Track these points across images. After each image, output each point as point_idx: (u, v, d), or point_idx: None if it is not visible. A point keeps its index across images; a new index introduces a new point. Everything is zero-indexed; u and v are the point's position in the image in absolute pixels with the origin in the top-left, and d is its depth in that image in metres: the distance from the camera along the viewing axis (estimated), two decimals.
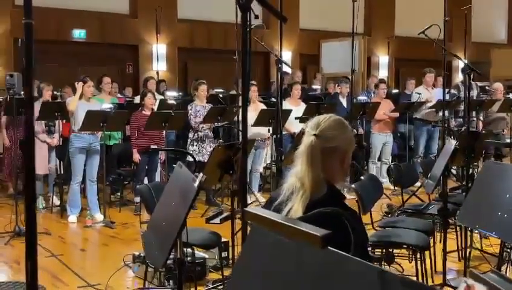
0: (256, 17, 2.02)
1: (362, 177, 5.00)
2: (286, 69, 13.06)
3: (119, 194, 8.44)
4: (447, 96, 9.68)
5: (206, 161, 6.13)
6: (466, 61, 5.87)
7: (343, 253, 1.32)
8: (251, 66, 2.00)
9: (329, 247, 1.34)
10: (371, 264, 1.24)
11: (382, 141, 9.42)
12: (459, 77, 15.80)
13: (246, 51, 1.99)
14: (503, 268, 4.65)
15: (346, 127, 2.51)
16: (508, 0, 20.43)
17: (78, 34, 12.66)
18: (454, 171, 8.73)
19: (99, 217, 7.24)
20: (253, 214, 1.35)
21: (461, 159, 5.14)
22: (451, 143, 4.69)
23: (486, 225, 3.15)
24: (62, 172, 7.96)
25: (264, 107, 8.34)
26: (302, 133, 2.57)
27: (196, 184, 2.45)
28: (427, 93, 9.56)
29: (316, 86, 12.36)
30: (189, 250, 4.36)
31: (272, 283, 1.51)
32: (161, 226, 2.78)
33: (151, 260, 2.95)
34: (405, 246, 4.41)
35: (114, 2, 13.07)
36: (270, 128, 7.86)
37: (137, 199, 7.41)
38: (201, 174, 2.49)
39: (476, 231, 5.47)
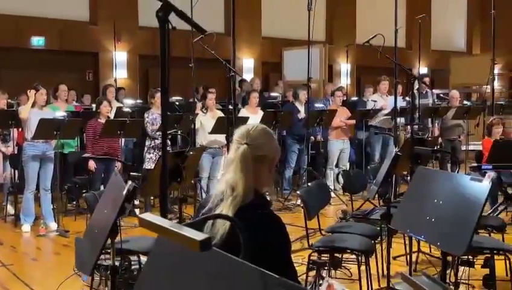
0: (174, 28, 2.07)
1: (309, 184, 5.08)
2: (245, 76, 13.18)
3: (75, 202, 8.38)
4: (404, 104, 9.88)
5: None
6: (409, 70, 6.01)
7: (229, 255, 1.38)
8: (169, 74, 2.04)
9: (216, 250, 1.40)
10: (253, 265, 1.31)
11: (339, 147, 9.55)
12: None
13: (164, 61, 2.03)
14: (448, 271, 4.77)
15: (273, 136, 2.59)
16: (467, 9, 20.89)
17: (37, 41, 12.55)
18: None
19: (53, 226, 7.19)
20: (146, 221, 1.40)
21: (406, 165, 5.26)
22: (395, 150, 4.80)
23: (416, 229, 3.25)
24: (17, 181, 7.89)
25: (221, 114, 8.39)
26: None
27: (124, 192, 2.48)
28: (382, 100, 9.73)
29: (275, 94, 12.46)
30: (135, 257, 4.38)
31: (169, 285, 1.56)
32: (94, 234, 2.80)
33: (79, 266, 2.97)
34: (349, 250, 4.49)
35: (74, 9, 12.99)
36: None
37: None
38: (129, 182, 2.52)
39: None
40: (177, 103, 9.42)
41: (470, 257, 4.21)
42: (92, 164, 7.60)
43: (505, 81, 18.42)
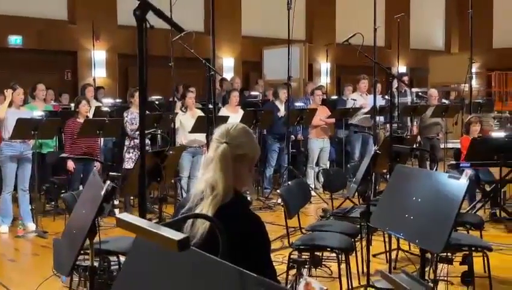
0: (152, 27, 2.06)
1: (290, 183, 5.09)
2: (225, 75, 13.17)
3: (53, 203, 8.30)
4: (383, 102, 9.94)
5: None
6: (388, 69, 6.06)
7: (208, 255, 1.38)
8: (148, 73, 2.03)
9: (195, 249, 1.40)
10: (231, 265, 1.31)
11: (319, 146, 9.58)
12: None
13: (142, 60, 2.02)
14: (427, 269, 4.81)
15: (252, 135, 2.59)
16: (445, 8, 21.08)
17: (15, 40, 12.40)
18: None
19: (31, 226, 7.12)
20: (124, 221, 1.39)
21: (385, 163, 5.30)
22: (374, 148, 4.83)
23: (395, 226, 3.27)
24: None
25: (201, 113, 8.37)
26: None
27: (102, 192, 2.46)
28: (362, 99, 9.79)
29: (256, 93, 12.47)
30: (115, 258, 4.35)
31: (151, 286, 1.55)
32: (72, 234, 2.78)
33: (58, 267, 2.94)
34: (329, 249, 4.51)
35: (52, 8, 12.85)
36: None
37: None
38: (108, 182, 2.50)
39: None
40: (156, 102, 9.37)
41: (448, 254, 4.25)
42: (70, 164, 7.53)
43: (482, 80, 18.63)
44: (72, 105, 9.09)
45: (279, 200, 7.09)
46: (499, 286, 4.90)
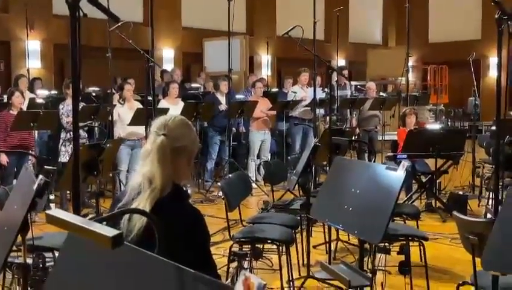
0: (85, 15, 1.98)
1: (230, 175, 5.06)
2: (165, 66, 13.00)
3: None
4: (323, 95, 10.05)
5: None
6: (328, 62, 6.11)
7: (143, 251, 1.34)
8: (82, 64, 1.96)
9: (130, 245, 1.35)
10: (168, 260, 1.27)
11: (260, 138, 9.60)
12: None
13: (75, 49, 1.94)
14: (365, 259, 4.89)
15: (191, 127, 2.55)
16: (383, 2, 21.48)
17: None
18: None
19: None
20: (54, 217, 1.33)
21: (325, 155, 5.34)
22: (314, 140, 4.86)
23: (334, 218, 3.30)
24: None
25: (140, 106, 8.22)
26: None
27: (35, 187, 2.36)
28: (302, 92, 9.85)
29: (197, 85, 12.37)
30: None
31: (85, 282, 1.49)
32: (3, 231, 2.66)
33: None
34: (269, 241, 4.51)
35: None
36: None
37: None
38: (40, 176, 2.41)
39: None
40: (93, 94, 9.15)
41: (386, 244, 4.32)
42: (3, 158, 7.27)
43: (418, 73, 19.11)
44: (5, 97, 8.77)
45: (220, 193, 7.07)
46: (435, 274, 5.03)
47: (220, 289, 1.20)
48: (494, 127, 9.18)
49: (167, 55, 15.14)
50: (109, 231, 1.19)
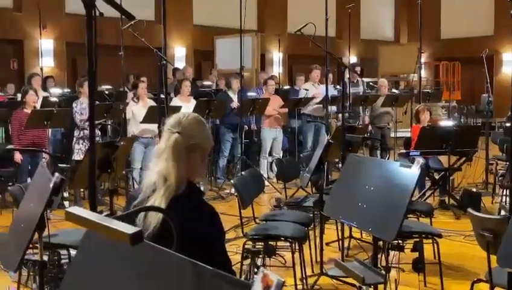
0: (101, 14, 2.00)
1: (243, 173, 5.07)
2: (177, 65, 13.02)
3: (0, 196, 8.06)
4: (335, 92, 10.02)
5: None
6: (339, 59, 6.10)
7: (161, 248, 1.35)
8: (98, 62, 1.97)
9: (148, 243, 1.36)
10: (185, 257, 1.28)
11: (272, 136, 9.60)
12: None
13: (91, 48, 1.96)
14: (379, 256, 4.88)
15: (205, 124, 2.55)
16: None
17: None
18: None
19: None
20: (74, 214, 1.34)
21: (337, 152, 5.34)
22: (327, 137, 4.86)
23: (348, 215, 3.30)
24: None
25: (153, 103, 8.25)
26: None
27: (51, 184, 2.39)
28: (314, 89, 9.83)
29: (208, 82, 12.38)
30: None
31: (103, 280, 1.50)
32: (19, 228, 2.69)
33: (4, 263, 2.85)
34: (282, 238, 4.52)
35: None
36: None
37: None
38: (56, 174, 2.43)
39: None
40: (106, 92, 9.19)
41: (399, 241, 4.32)
42: (18, 156, 7.33)
43: (430, 70, 19.00)
44: (19, 95, 8.84)
45: (233, 191, 7.09)
46: (448, 272, 5.02)
47: (238, 286, 1.21)
48: (508, 124, 9.12)
49: (179, 53, 15.18)
50: (128, 228, 1.20)
